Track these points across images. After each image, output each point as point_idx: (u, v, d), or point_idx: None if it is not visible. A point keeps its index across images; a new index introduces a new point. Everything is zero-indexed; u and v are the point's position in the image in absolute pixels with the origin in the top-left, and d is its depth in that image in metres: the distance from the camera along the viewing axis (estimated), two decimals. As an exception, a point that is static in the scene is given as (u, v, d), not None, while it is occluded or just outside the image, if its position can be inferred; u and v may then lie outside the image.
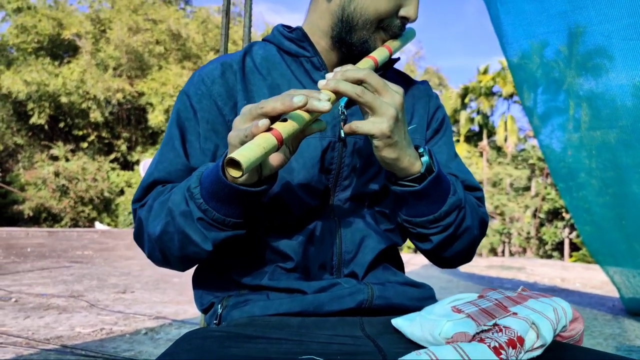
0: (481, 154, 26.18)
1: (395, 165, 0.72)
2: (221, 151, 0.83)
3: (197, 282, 0.89)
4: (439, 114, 0.97)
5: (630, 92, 2.51)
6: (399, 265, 0.92)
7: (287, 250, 0.81)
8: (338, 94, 0.68)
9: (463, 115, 26.45)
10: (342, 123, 0.83)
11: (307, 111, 0.64)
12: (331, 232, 0.83)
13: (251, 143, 0.60)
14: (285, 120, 0.63)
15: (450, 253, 0.84)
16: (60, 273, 5.52)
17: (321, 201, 0.83)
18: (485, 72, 26.22)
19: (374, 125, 0.68)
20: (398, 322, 0.70)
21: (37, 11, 21.61)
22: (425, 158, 0.75)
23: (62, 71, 20.19)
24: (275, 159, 0.68)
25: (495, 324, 0.60)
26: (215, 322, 0.81)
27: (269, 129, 0.62)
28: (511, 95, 25.21)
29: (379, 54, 0.82)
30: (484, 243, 25.44)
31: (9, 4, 22.01)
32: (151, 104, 20.51)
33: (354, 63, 0.80)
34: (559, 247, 24.44)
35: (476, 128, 27.74)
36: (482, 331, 0.60)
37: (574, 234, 22.29)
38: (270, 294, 0.80)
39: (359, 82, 0.69)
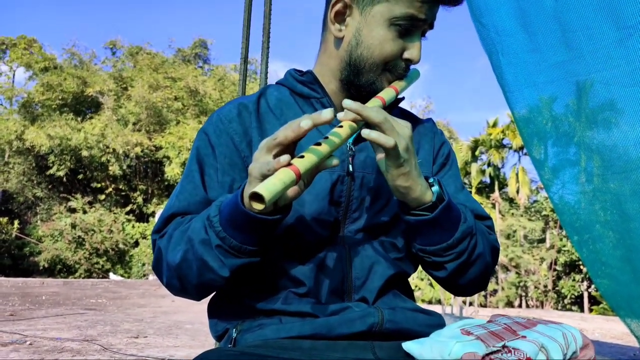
0: (493, 206, 26.02)
1: (408, 194, 0.76)
2: (237, 184, 0.87)
3: (212, 311, 0.91)
4: (444, 149, 1.01)
5: (643, 144, 2.52)
6: (409, 294, 0.94)
7: (299, 276, 0.84)
8: (358, 122, 0.74)
9: (474, 168, 26.55)
10: (350, 159, 0.88)
11: (314, 125, 0.69)
12: (342, 260, 0.85)
13: (273, 177, 0.64)
14: (302, 156, 0.68)
15: (465, 280, 0.86)
16: (75, 319, 5.55)
17: (332, 232, 0.86)
18: (495, 125, 26.55)
19: (389, 139, 0.71)
20: (408, 345, 0.71)
21: (63, 70, 22.81)
22: (435, 188, 0.78)
23: (85, 126, 21.00)
24: (291, 191, 0.72)
25: (504, 346, 0.61)
26: (229, 346, 0.83)
27: (288, 165, 0.66)
28: (521, 148, 25.33)
29: (386, 94, 0.87)
30: (500, 296, 24.72)
31: (37, 64, 23.30)
32: (168, 157, 21.06)
33: (363, 103, 0.83)
34: (578, 300, 23.66)
35: (487, 180, 27.74)
36: (491, 352, 0.61)
37: (593, 287, 21.63)
38: (283, 318, 0.82)
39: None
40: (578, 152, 3.15)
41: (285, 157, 0.66)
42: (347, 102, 0.73)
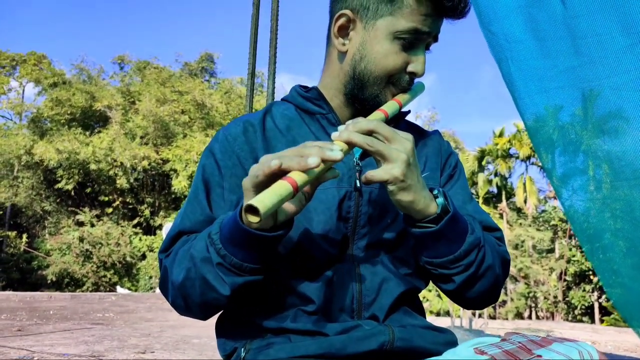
0: (501, 216, 25.83)
1: (411, 207, 0.75)
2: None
3: (220, 330, 0.90)
4: (452, 160, 1.00)
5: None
6: (420, 310, 0.93)
7: (308, 293, 0.82)
8: (350, 145, 0.73)
9: (481, 178, 26.40)
10: (357, 174, 0.87)
11: (322, 161, 0.68)
12: (351, 276, 0.84)
13: (268, 190, 0.63)
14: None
15: (474, 294, 0.84)
16: (82, 334, 5.53)
17: (340, 248, 0.85)
18: (501, 134, 26.47)
19: (386, 172, 0.71)
20: None
21: (72, 85, 23.09)
22: (440, 199, 0.77)
23: (93, 140, 21.17)
24: (290, 205, 0.71)
25: None
26: None
27: (285, 177, 0.65)
28: (528, 157, 25.21)
29: (389, 107, 0.87)
30: (510, 307, 24.45)
31: (46, 80, 23.60)
32: (175, 170, 21.14)
33: (366, 117, 0.84)
34: (589, 311, 23.34)
35: (494, 190, 27.59)
36: None
37: (604, 297, 21.35)
38: (292, 336, 0.81)
39: (370, 133, 0.73)
40: (586, 161, 3.12)
41: (275, 162, 0.66)
42: (335, 135, 0.74)
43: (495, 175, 27.14)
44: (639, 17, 2.14)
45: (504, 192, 26.72)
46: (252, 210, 0.62)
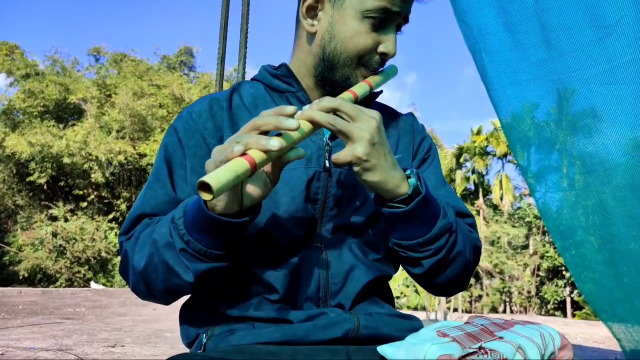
0: (478, 212, 26.24)
1: (379, 187, 0.73)
2: None
3: (183, 317, 0.88)
4: (425, 143, 0.98)
5: (622, 150, 2.57)
6: (388, 297, 0.91)
7: (273, 281, 0.81)
8: (313, 123, 0.70)
9: (458, 175, 26.77)
10: (326, 154, 0.85)
11: (279, 131, 0.66)
12: (318, 264, 0.82)
13: (223, 167, 0.60)
14: None
15: (443, 279, 0.82)
16: (51, 328, 5.41)
17: (307, 231, 0.83)
18: (479, 132, 26.86)
19: (348, 152, 0.69)
20: (383, 348, 0.69)
21: (45, 77, 22.48)
22: (412, 180, 0.75)
23: (67, 133, 20.67)
24: (255, 189, 0.68)
25: (480, 347, 0.60)
26: (199, 351, 0.80)
27: (243, 155, 0.63)
28: (505, 155, 25.70)
29: (359, 89, 0.84)
30: (485, 302, 24.93)
31: (18, 71, 22.93)
32: (152, 165, 20.84)
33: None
34: (561, 305, 23.95)
35: (472, 187, 28.00)
36: (468, 354, 0.60)
37: (576, 292, 21.92)
38: (255, 324, 0.80)
39: (333, 111, 0.71)
40: (560, 159, 3.18)
41: (238, 147, 0.63)
42: (297, 113, 0.71)
43: (473, 172, 27.53)
44: (608, 10, 2.18)
45: (481, 189, 27.13)
46: (205, 187, 0.59)
